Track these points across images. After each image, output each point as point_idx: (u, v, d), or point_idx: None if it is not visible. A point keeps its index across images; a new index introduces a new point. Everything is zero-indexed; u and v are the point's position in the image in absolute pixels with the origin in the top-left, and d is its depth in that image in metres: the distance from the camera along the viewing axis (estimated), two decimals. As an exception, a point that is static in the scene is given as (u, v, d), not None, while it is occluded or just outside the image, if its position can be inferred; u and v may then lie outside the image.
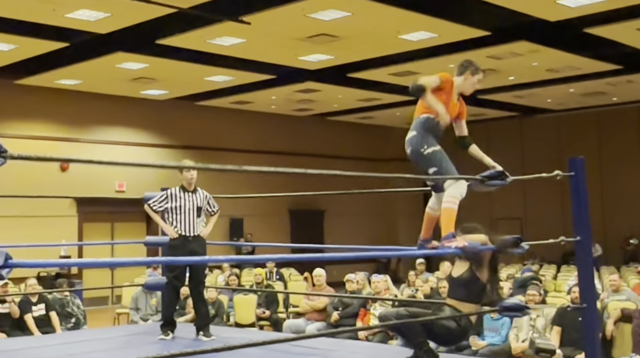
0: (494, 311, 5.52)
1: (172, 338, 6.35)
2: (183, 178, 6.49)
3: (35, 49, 12.51)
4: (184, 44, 12.48)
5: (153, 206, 6.42)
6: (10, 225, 14.18)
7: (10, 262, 2.55)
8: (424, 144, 4.59)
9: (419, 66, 14.18)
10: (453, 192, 4.58)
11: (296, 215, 20.23)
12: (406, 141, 4.69)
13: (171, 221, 6.39)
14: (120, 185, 16.67)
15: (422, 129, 4.64)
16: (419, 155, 4.59)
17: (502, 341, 7.70)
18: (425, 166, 4.60)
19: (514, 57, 13.38)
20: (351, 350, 5.72)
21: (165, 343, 6.16)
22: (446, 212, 4.62)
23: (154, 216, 6.52)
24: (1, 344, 7.14)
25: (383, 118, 20.79)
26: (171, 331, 6.40)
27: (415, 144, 4.60)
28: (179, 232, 6.34)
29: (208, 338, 6.33)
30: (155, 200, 6.44)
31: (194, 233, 6.37)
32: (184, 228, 6.35)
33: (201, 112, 18.15)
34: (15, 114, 15.37)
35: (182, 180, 6.51)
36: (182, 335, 6.47)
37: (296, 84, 15.96)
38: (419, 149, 4.59)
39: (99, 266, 4.30)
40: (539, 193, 20.18)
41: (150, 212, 6.50)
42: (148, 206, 6.44)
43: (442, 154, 4.62)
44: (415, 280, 9.97)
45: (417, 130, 4.64)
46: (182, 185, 6.48)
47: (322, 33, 11.94)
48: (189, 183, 6.46)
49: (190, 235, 6.36)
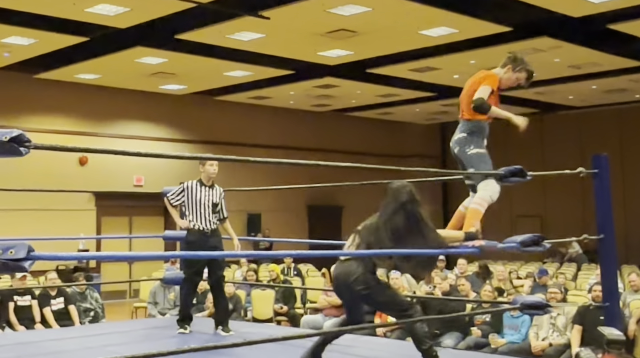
0: (515, 309, 5.46)
1: (189, 332, 6.34)
2: (204, 171, 6.40)
3: (55, 44, 12.55)
4: (203, 39, 12.48)
5: (171, 199, 6.40)
6: (30, 219, 14.28)
7: (32, 255, 2.55)
8: (471, 144, 4.72)
9: (439, 62, 14.11)
10: (483, 194, 4.61)
11: (314, 211, 20.19)
12: (453, 141, 4.83)
13: (188, 215, 6.35)
14: (138, 180, 16.72)
15: (470, 131, 4.78)
16: (464, 154, 4.71)
17: (522, 339, 7.64)
18: (467, 165, 4.71)
19: (535, 53, 13.22)
20: (369, 347, 5.68)
21: (185, 338, 6.16)
22: (471, 212, 4.64)
23: (171, 209, 6.49)
24: (21, 337, 7.18)
25: (402, 114, 20.70)
26: (188, 325, 6.39)
27: (463, 144, 4.74)
28: (196, 226, 6.29)
29: (227, 333, 6.32)
30: (173, 193, 6.42)
31: (211, 228, 6.32)
32: (201, 222, 6.30)
33: (220, 107, 18.16)
34: (35, 109, 15.46)
35: (201, 174, 6.43)
36: (200, 330, 6.46)
37: (315, 80, 15.91)
38: (465, 149, 4.71)
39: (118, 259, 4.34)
40: (559, 191, 20.00)
41: (167, 205, 6.47)
42: (167, 199, 6.43)
43: (485, 156, 4.70)
44: (433, 276, 9.90)
45: (466, 132, 4.77)
46: (200, 179, 6.42)
47: (342, 28, 11.88)
48: (208, 178, 6.40)
49: (208, 229, 6.31)
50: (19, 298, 8.73)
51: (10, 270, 2.56)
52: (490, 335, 7.70)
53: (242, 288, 10.59)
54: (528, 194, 19.97)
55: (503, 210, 21.26)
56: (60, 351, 5.76)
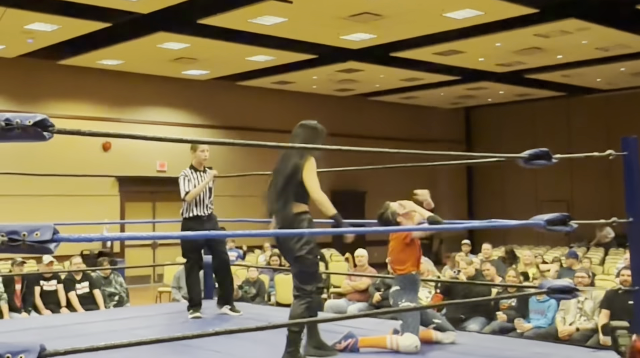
0: (542, 293, 5.38)
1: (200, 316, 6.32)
2: (195, 157, 6.44)
3: (77, 30, 12.57)
4: (226, 24, 12.42)
5: (188, 191, 6.33)
6: (54, 204, 14.40)
7: (57, 236, 2.55)
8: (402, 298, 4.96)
9: (464, 45, 13.94)
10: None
11: (337, 196, 20.08)
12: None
13: (187, 203, 6.34)
14: (161, 165, 16.76)
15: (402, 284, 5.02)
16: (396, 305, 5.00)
17: (549, 324, 7.55)
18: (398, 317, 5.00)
19: (562, 35, 13.03)
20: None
21: (207, 321, 6.16)
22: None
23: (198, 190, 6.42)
24: (47, 320, 7.23)
25: (426, 98, 20.54)
26: (200, 310, 6.39)
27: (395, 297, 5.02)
28: (194, 212, 6.31)
29: (236, 313, 6.32)
30: (184, 185, 6.35)
31: (207, 213, 6.36)
32: (199, 208, 6.33)
33: (242, 92, 18.13)
34: (58, 94, 15.53)
35: (193, 159, 6.46)
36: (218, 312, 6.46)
37: (338, 64, 15.80)
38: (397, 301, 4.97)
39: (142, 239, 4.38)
40: (586, 176, 19.77)
41: (194, 195, 6.39)
42: (190, 195, 6.34)
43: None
44: (458, 261, 9.82)
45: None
46: (192, 165, 6.44)
47: (365, 11, 11.76)
48: (199, 163, 6.42)
49: (205, 214, 6.35)
50: (44, 283, 8.81)
51: (36, 252, 2.56)
52: (515, 320, 7.61)
53: (266, 273, 10.58)
54: (554, 178, 19.77)
55: (528, 195, 21.09)
56: (85, 334, 5.77)
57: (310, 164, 4.65)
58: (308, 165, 4.63)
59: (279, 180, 4.68)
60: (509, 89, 19.14)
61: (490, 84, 18.31)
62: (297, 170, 4.62)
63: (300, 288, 4.54)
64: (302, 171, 4.61)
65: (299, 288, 4.55)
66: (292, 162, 4.67)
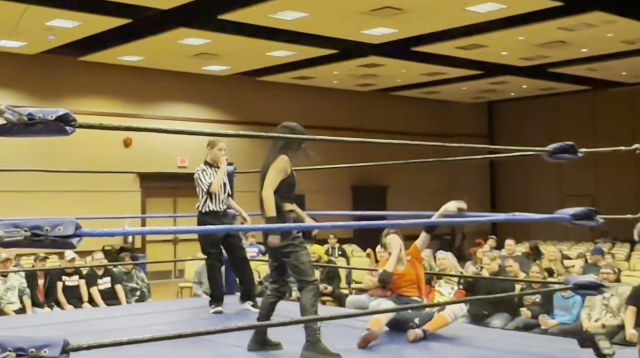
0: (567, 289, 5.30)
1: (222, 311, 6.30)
2: (211, 153, 6.41)
3: (98, 26, 12.60)
4: (246, 19, 12.39)
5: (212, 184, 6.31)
6: (76, 200, 14.47)
7: (79, 231, 2.55)
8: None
9: (487, 39, 13.81)
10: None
11: (359, 191, 20.07)
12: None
13: (206, 197, 6.31)
14: (182, 161, 16.80)
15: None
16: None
17: (574, 320, 7.46)
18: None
19: (587, 29, 12.85)
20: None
21: (226, 317, 6.14)
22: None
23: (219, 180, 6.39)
24: (70, 315, 7.26)
25: (448, 93, 20.41)
26: (221, 305, 6.37)
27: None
28: (210, 207, 6.29)
29: (258, 309, 6.29)
30: (204, 178, 6.32)
31: (223, 208, 6.35)
32: (216, 203, 6.31)
33: (263, 88, 18.11)
34: (79, 91, 15.60)
35: (208, 155, 6.44)
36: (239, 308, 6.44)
37: (359, 59, 15.72)
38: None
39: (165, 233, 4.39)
40: (611, 170, 19.54)
41: (217, 185, 6.38)
42: (213, 186, 6.31)
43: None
44: (482, 257, 9.73)
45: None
46: (207, 161, 6.42)
47: (387, 6, 11.67)
48: (214, 160, 6.40)
49: (221, 209, 6.34)
50: (67, 278, 8.86)
51: (59, 247, 2.57)
52: (540, 316, 7.53)
53: (287, 269, 10.53)
54: (578, 173, 19.56)
55: (552, 190, 20.88)
56: (108, 329, 5.78)
57: (279, 162, 4.71)
58: (276, 163, 4.70)
59: (260, 179, 4.77)
60: (533, 83, 18.95)
61: (514, 78, 18.14)
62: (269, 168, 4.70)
63: (302, 280, 4.61)
64: (269, 168, 4.69)
65: (300, 281, 4.63)
66: (269, 160, 4.76)
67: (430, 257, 9.78)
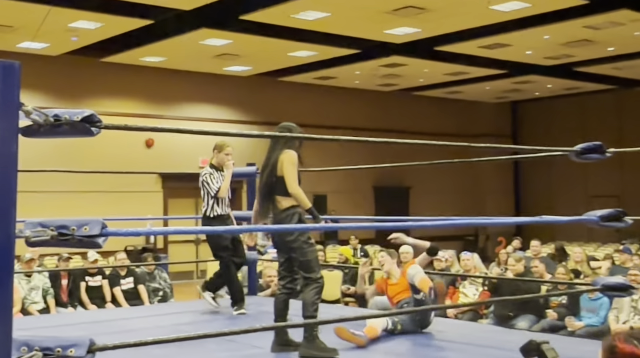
0: (594, 290, 5.22)
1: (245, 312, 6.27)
2: (217, 157, 6.36)
3: (120, 27, 12.65)
4: (268, 19, 12.38)
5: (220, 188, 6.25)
6: (99, 200, 14.54)
7: (105, 231, 2.56)
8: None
9: (511, 38, 13.68)
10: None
11: (380, 192, 19.99)
12: None
13: (213, 202, 6.26)
14: (203, 161, 16.76)
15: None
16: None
17: (601, 322, 7.35)
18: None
19: (613, 27, 12.68)
20: (439, 328, 5.52)
21: (250, 317, 6.12)
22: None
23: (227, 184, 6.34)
24: (93, 315, 7.28)
25: (471, 92, 20.27)
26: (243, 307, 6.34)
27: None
28: (217, 211, 6.25)
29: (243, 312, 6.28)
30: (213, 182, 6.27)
31: (228, 211, 6.34)
32: (222, 207, 6.29)
33: (284, 88, 18.10)
34: (101, 92, 15.68)
35: (213, 158, 6.39)
36: (264, 309, 6.41)
37: (381, 59, 15.64)
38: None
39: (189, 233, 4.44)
40: (637, 170, 19.29)
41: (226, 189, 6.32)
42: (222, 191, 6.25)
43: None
44: (506, 258, 9.63)
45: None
46: (213, 165, 6.36)
47: (409, 5, 11.59)
48: (220, 164, 6.35)
49: (226, 213, 6.32)
50: (90, 278, 8.89)
51: (85, 246, 2.59)
52: (566, 318, 7.43)
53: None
54: (604, 173, 19.32)
55: (577, 190, 20.65)
56: (131, 330, 5.79)
57: (290, 156, 4.70)
58: (288, 157, 4.69)
59: (265, 176, 4.76)
60: (558, 83, 18.76)
61: (538, 78, 17.96)
62: (278, 165, 4.69)
63: (307, 277, 4.62)
64: (283, 165, 4.66)
65: (305, 277, 4.64)
66: (274, 157, 4.74)
67: (454, 258, 9.69)
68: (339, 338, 4.75)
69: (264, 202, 4.79)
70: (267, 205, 4.76)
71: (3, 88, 2.40)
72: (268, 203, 4.76)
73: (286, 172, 4.64)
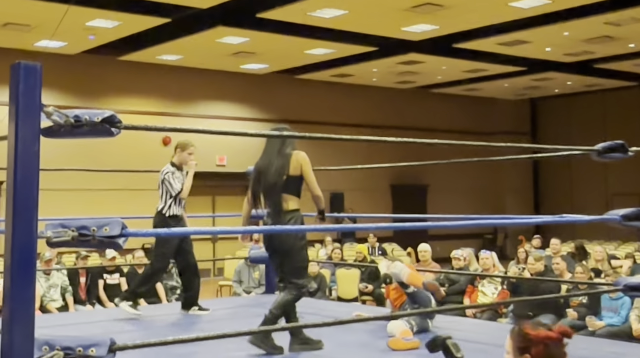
0: (616, 290, 5.16)
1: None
2: (180, 156, 6.26)
3: (137, 26, 12.69)
4: (285, 17, 12.37)
5: (180, 189, 6.18)
6: (117, 198, 14.61)
7: (125, 231, 2.56)
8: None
9: (530, 35, 13.57)
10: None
11: (398, 190, 19.92)
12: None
13: (171, 201, 6.16)
14: (220, 159, 16.84)
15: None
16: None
17: (622, 322, 7.26)
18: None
19: (635, 23, 12.55)
20: (457, 328, 5.48)
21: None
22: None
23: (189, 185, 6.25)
24: (111, 313, 7.29)
25: (490, 90, 20.15)
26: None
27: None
28: (173, 211, 6.13)
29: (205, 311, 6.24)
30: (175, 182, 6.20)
31: (182, 212, 6.25)
32: (179, 207, 6.20)
33: (301, 86, 18.09)
34: (119, 90, 15.74)
35: (174, 156, 6.29)
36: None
37: (399, 56, 15.59)
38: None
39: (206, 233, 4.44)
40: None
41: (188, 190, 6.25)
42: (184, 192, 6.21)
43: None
44: (525, 257, 9.56)
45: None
46: (174, 163, 6.25)
47: (427, 2, 11.54)
48: (181, 163, 6.26)
49: (181, 214, 6.22)
50: (108, 276, 8.93)
51: (105, 247, 2.60)
52: (587, 318, 7.34)
53: (327, 268, 10.50)
54: (625, 171, 19.10)
55: (597, 188, 20.47)
56: (148, 327, 5.79)
57: (306, 160, 4.67)
58: (307, 159, 4.66)
59: (268, 177, 4.69)
60: (578, 80, 18.60)
61: (558, 75, 17.81)
62: (287, 166, 4.63)
63: (292, 282, 4.62)
64: (302, 165, 4.63)
65: (290, 282, 4.63)
66: (283, 156, 4.66)
67: (472, 257, 9.64)
68: (396, 351, 4.67)
69: (269, 201, 4.75)
70: (274, 204, 4.71)
71: (25, 90, 2.40)
72: (274, 203, 4.71)
73: (308, 173, 4.64)
